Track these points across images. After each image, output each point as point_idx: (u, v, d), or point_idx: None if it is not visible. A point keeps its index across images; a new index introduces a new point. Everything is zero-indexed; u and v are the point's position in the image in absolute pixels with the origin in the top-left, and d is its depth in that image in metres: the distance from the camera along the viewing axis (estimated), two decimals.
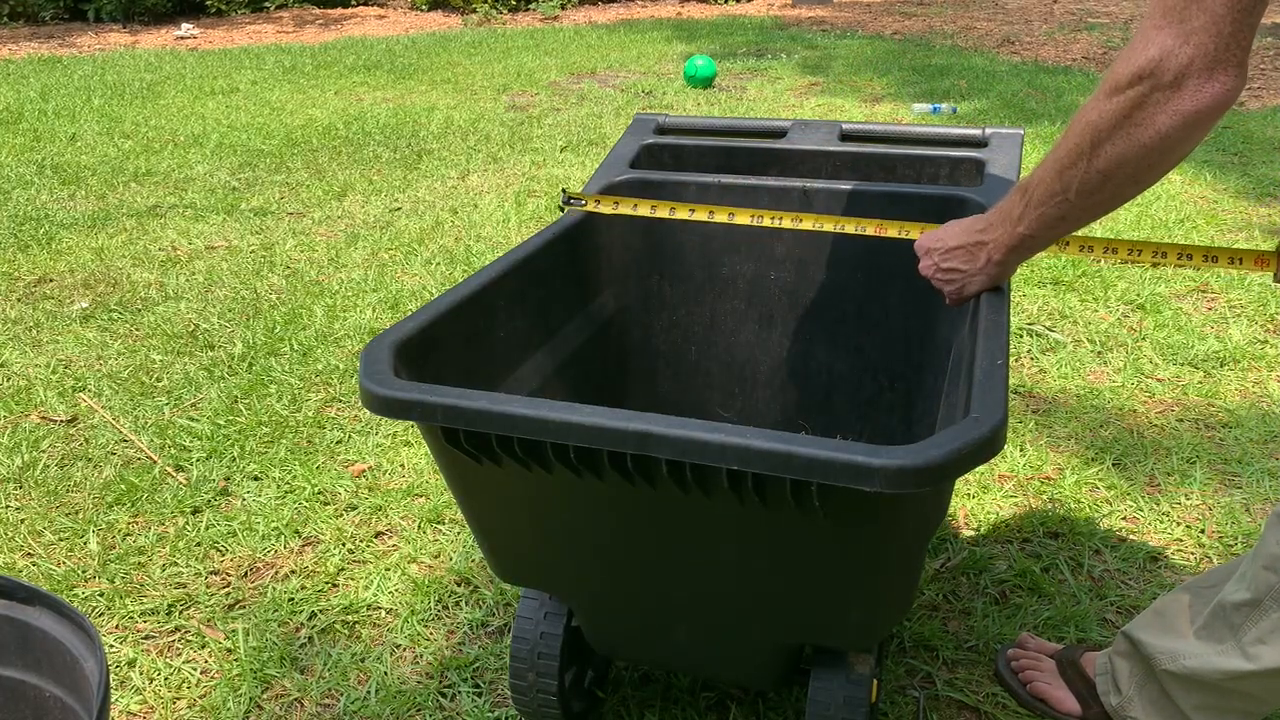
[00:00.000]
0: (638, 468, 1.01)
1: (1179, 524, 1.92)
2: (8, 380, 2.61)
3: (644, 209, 1.57)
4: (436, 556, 1.88)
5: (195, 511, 2.04)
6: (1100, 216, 1.08)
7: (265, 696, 1.57)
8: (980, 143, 1.70)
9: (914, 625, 1.67)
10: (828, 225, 1.44)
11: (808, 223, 1.47)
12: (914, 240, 1.38)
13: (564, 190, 1.59)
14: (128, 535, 1.97)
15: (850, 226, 1.42)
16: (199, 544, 1.93)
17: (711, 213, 1.51)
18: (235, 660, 1.64)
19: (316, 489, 2.09)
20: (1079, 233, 1.18)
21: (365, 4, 11.48)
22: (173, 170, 4.64)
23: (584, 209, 1.57)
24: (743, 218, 1.50)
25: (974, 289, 1.25)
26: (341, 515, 2.02)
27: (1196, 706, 1.29)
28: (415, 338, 1.18)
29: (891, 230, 1.40)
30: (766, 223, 1.49)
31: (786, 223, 1.48)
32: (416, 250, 3.50)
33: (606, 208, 1.58)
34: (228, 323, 2.93)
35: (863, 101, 5.80)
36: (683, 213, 1.54)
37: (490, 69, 7.21)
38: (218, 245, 3.63)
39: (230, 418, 2.38)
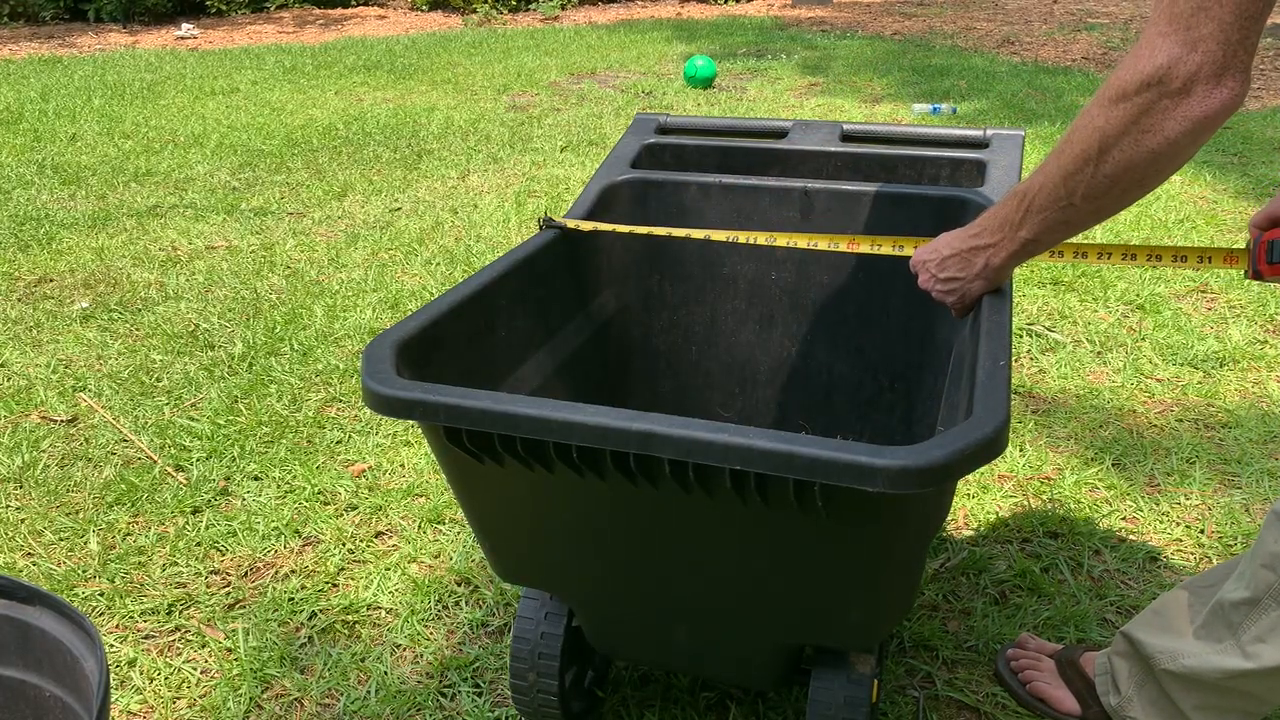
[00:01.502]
0: (640, 468, 1.01)
1: (1179, 524, 1.92)
2: (8, 380, 2.61)
3: (622, 230, 1.57)
4: (437, 556, 1.88)
5: (195, 511, 2.04)
6: (1103, 220, 1.09)
7: (265, 696, 1.57)
8: (981, 143, 1.70)
9: (914, 625, 1.67)
10: (822, 244, 1.44)
11: (793, 241, 1.46)
12: (910, 254, 1.38)
13: (546, 215, 1.60)
14: (128, 535, 1.97)
15: (843, 244, 1.42)
16: (199, 544, 1.93)
17: (689, 234, 1.51)
18: (235, 660, 1.64)
19: (316, 489, 2.09)
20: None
21: (366, 4, 11.48)
22: (173, 170, 4.64)
23: (564, 226, 1.57)
24: (719, 237, 1.50)
25: (974, 294, 1.25)
26: (341, 515, 2.02)
27: (1196, 706, 1.29)
28: (417, 337, 1.18)
29: (886, 246, 1.40)
30: (742, 240, 1.49)
31: (763, 240, 1.48)
32: (416, 250, 3.50)
33: (587, 228, 1.58)
34: (228, 323, 2.93)
35: (863, 102, 5.80)
36: (661, 233, 1.54)
37: (490, 69, 7.21)
38: (218, 245, 3.63)
39: (230, 418, 2.38)
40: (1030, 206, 1.11)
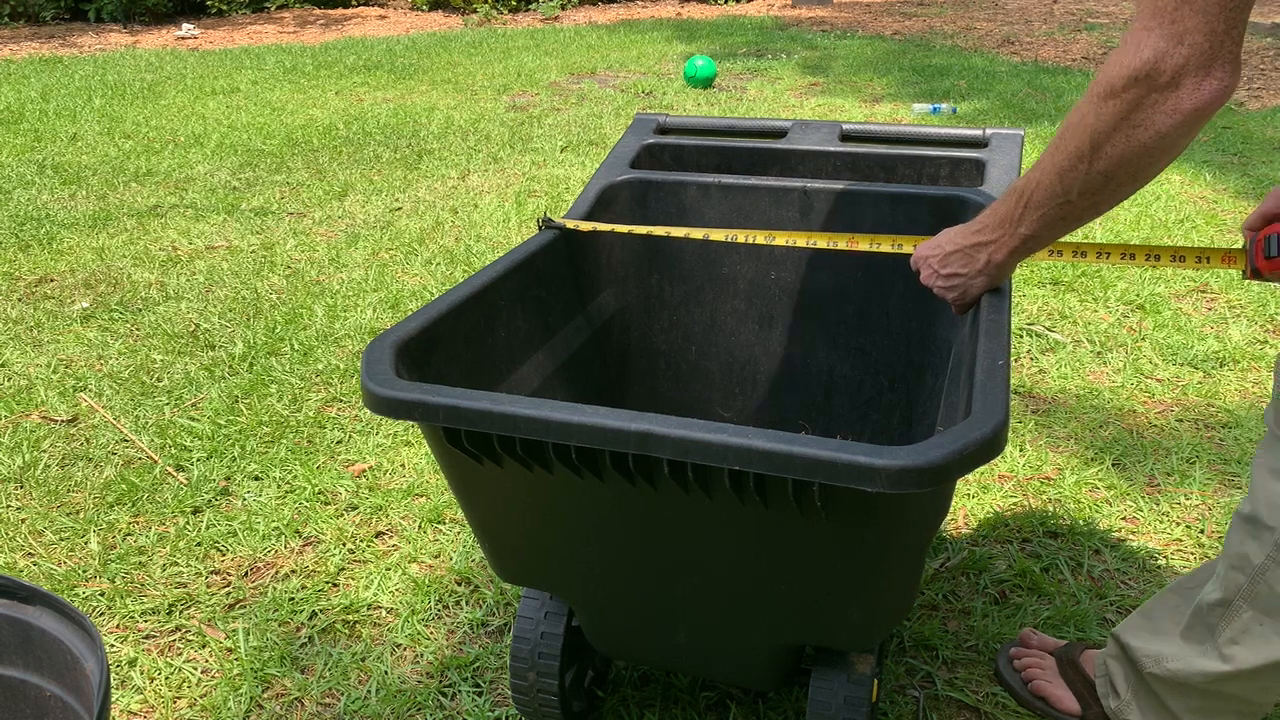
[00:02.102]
0: (639, 468, 1.01)
1: (1179, 524, 1.92)
2: (9, 380, 2.61)
3: (621, 230, 1.57)
4: (437, 556, 1.89)
5: (196, 511, 2.04)
6: (1103, 213, 1.09)
7: (266, 696, 1.57)
8: (981, 143, 1.70)
9: (914, 625, 1.67)
10: (821, 242, 1.44)
11: (792, 240, 1.46)
12: (909, 252, 1.38)
13: (545, 215, 1.60)
14: (128, 535, 1.97)
15: (842, 243, 1.42)
16: (199, 544, 1.93)
17: (688, 233, 1.51)
18: (236, 660, 1.64)
19: (317, 489, 2.10)
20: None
21: (366, 4, 11.48)
22: (173, 170, 4.64)
23: (563, 227, 1.57)
24: (718, 237, 1.50)
25: (976, 291, 1.25)
26: (342, 515, 2.02)
27: (1188, 710, 1.28)
28: (417, 337, 1.18)
29: (885, 244, 1.40)
30: (741, 240, 1.48)
31: (761, 239, 1.48)
32: (417, 250, 3.50)
33: (586, 229, 1.58)
34: (228, 322, 2.94)
35: (863, 102, 5.80)
36: (660, 232, 1.53)
37: (490, 69, 7.21)
38: (218, 245, 3.63)
39: (231, 418, 2.38)
40: (1029, 203, 1.11)
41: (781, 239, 1.46)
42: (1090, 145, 1.01)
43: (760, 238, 1.48)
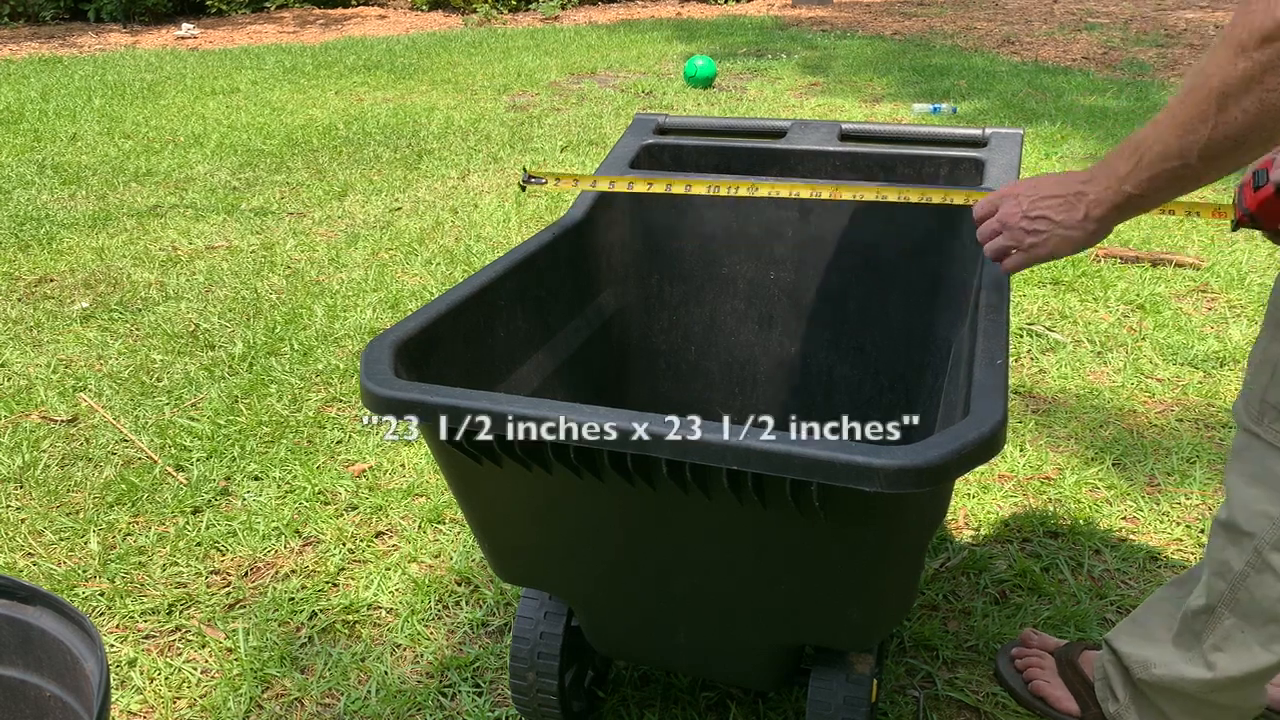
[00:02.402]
0: (638, 468, 1.01)
1: (1179, 524, 1.92)
2: (8, 380, 2.61)
3: (603, 184, 1.53)
4: (437, 556, 1.89)
5: (195, 511, 2.04)
6: (1221, 178, 1.00)
7: (265, 696, 1.57)
8: (980, 142, 1.70)
9: (914, 625, 1.67)
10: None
11: (775, 190, 1.45)
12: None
13: (524, 169, 1.59)
14: (128, 535, 1.97)
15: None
16: (199, 544, 1.93)
17: (689, 185, 1.47)
18: (235, 660, 1.64)
19: (317, 489, 2.10)
20: None
21: (366, 4, 11.48)
22: (173, 170, 4.64)
23: (545, 188, 1.55)
24: (705, 187, 1.45)
25: (1054, 247, 1.14)
26: (342, 515, 2.02)
27: (1184, 713, 1.28)
28: (416, 337, 1.18)
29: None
30: (743, 191, 1.47)
31: (744, 190, 1.47)
32: (417, 250, 3.50)
33: (567, 184, 1.55)
34: (228, 322, 2.94)
35: (863, 101, 5.80)
36: (641, 185, 1.50)
37: (490, 69, 7.21)
38: (218, 245, 3.63)
39: (230, 418, 2.38)
40: (1141, 161, 1.02)
41: (765, 189, 1.44)
42: (1216, 107, 0.91)
43: (743, 188, 1.44)
